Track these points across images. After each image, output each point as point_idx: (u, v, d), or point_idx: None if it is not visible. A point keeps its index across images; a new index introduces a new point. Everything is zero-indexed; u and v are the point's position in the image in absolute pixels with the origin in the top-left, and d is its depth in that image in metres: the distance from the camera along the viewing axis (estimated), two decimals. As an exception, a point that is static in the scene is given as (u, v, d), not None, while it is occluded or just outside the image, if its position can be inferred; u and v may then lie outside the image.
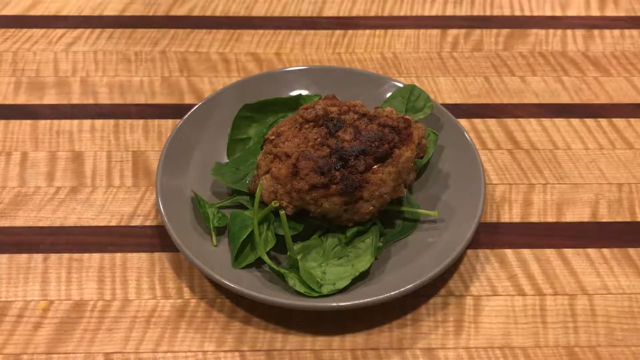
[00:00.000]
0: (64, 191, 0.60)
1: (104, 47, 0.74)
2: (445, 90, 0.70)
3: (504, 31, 0.78)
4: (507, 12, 0.81)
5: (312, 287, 0.50)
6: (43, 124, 0.66)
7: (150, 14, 0.79)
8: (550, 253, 0.56)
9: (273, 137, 0.55)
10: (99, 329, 0.51)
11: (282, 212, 0.52)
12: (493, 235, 0.57)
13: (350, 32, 0.77)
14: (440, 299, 0.53)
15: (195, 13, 0.79)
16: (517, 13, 0.81)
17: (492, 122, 0.67)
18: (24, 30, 0.76)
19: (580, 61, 0.74)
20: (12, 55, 0.73)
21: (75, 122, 0.66)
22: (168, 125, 0.66)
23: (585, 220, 0.59)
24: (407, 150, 0.54)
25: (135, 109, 0.68)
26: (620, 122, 0.67)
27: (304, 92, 0.64)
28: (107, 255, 0.56)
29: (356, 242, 0.54)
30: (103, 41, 0.75)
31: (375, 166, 0.53)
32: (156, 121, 0.66)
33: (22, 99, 0.69)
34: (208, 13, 0.79)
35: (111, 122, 0.66)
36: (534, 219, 0.59)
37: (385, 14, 0.80)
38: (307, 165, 0.53)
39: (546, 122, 0.67)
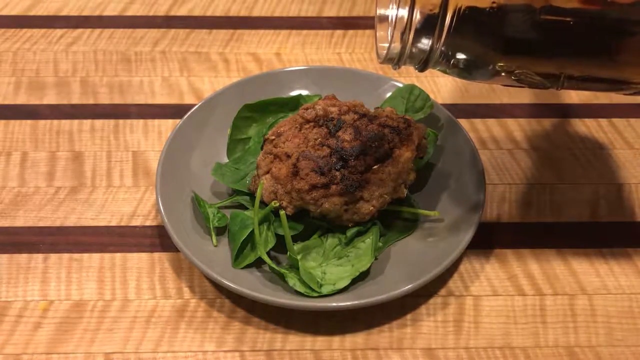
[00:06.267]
0: (64, 191, 0.60)
1: (104, 47, 0.74)
2: (445, 90, 0.70)
3: (504, 31, 0.78)
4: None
5: (312, 287, 0.50)
6: (43, 124, 0.66)
7: (150, 14, 0.79)
8: (550, 253, 0.56)
9: (273, 137, 0.55)
10: (99, 329, 0.51)
11: (282, 212, 0.52)
12: (493, 235, 0.57)
13: (350, 32, 0.77)
14: (440, 299, 0.53)
15: (195, 13, 0.79)
16: (517, 13, 0.81)
17: (492, 122, 0.67)
18: (24, 30, 0.76)
19: (580, 61, 0.74)
20: (12, 55, 0.73)
21: (75, 122, 0.66)
22: (168, 125, 0.66)
23: (585, 220, 0.59)
24: (407, 150, 0.54)
25: (135, 109, 0.68)
26: (620, 122, 0.67)
27: (304, 92, 0.64)
28: (107, 255, 0.56)
29: (356, 242, 0.54)
30: (103, 41, 0.75)
31: (375, 166, 0.53)
32: (156, 121, 0.66)
33: (22, 99, 0.69)
34: (208, 13, 0.79)
35: (111, 122, 0.66)
36: (534, 219, 0.59)
37: (385, 14, 0.80)
38: (307, 165, 0.53)
39: (546, 122, 0.67)
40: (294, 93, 0.64)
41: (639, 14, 0.41)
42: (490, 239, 0.57)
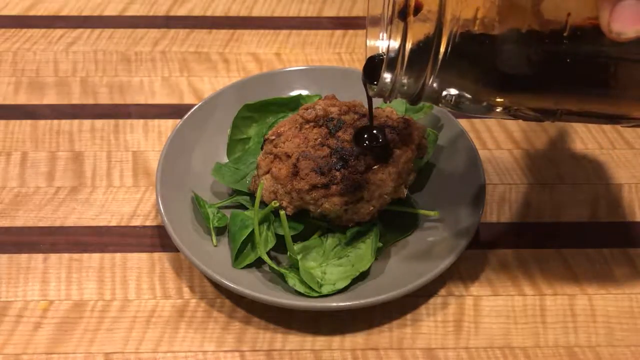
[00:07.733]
0: (64, 191, 0.60)
1: (104, 47, 0.74)
2: (445, 90, 0.70)
3: (504, 31, 0.78)
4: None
5: (312, 287, 0.50)
6: (43, 124, 0.66)
7: (150, 14, 0.79)
8: (550, 253, 0.56)
9: (273, 137, 0.55)
10: (99, 329, 0.51)
11: (282, 212, 0.52)
12: (493, 235, 0.57)
13: (350, 32, 0.77)
14: (440, 299, 0.53)
15: (195, 13, 0.79)
16: (517, 13, 0.80)
17: (492, 122, 0.67)
18: (24, 30, 0.76)
19: (580, 61, 0.74)
20: (12, 55, 0.73)
21: (75, 122, 0.66)
22: (168, 125, 0.66)
23: (585, 220, 0.59)
24: (407, 150, 0.54)
25: (135, 109, 0.68)
26: (620, 122, 0.67)
27: (304, 92, 0.64)
28: (107, 255, 0.56)
29: (356, 242, 0.54)
30: (103, 41, 0.75)
31: (375, 166, 0.53)
32: (156, 121, 0.66)
33: (22, 99, 0.69)
34: (208, 13, 0.79)
35: (111, 122, 0.66)
36: (534, 219, 0.59)
37: (385, 14, 0.80)
38: (307, 165, 0.53)
39: (546, 122, 0.67)
40: (294, 93, 0.64)
41: (635, 52, 0.40)
42: (490, 239, 0.57)
